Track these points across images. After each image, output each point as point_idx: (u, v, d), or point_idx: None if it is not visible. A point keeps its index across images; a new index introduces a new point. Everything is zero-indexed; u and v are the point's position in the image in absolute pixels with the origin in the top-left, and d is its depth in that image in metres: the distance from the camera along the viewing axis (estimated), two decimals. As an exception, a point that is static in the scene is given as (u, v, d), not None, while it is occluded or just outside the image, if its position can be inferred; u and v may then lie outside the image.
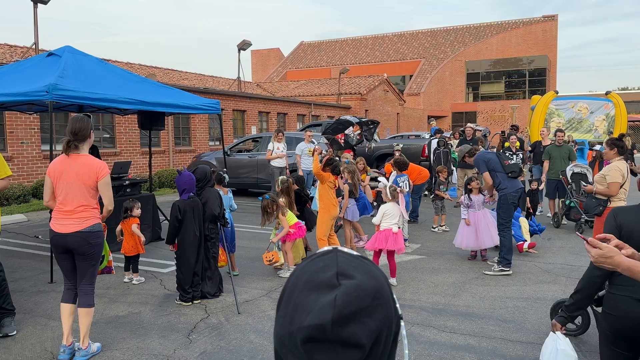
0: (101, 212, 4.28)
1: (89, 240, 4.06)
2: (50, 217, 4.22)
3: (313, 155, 6.96)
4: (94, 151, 8.03)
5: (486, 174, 6.58)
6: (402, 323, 0.82)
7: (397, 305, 0.81)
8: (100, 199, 4.20)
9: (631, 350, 2.57)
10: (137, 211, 6.30)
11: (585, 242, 2.07)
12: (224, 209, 5.87)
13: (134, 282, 6.16)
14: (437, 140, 13.15)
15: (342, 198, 7.39)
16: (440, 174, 9.82)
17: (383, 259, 6.14)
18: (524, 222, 7.77)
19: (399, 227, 6.28)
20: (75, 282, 4.18)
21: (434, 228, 9.30)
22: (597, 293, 2.76)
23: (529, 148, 13.19)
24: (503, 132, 12.46)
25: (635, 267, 1.99)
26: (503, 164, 6.55)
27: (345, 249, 0.83)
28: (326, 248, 0.84)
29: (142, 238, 6.33)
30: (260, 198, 6.59)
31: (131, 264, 6.24)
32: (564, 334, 3.01)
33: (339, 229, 7.71)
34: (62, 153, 4.15)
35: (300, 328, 0.72)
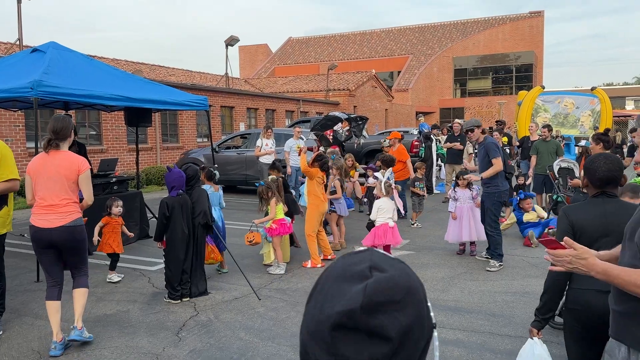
0: None
1: (74, 235, 4.11)
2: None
3: (300, 154, 6.99)
4: (81, 149, 7.94)
5: (499, 160, 6.42)
6: (435, 333, 0.79)
7: (432, 314, 0.78)
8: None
9: (598, 343, 2.62)
10: (116, 209, 6.19)
11: (546, 248, 2.05)
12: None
13: (114, 279, 6.10)
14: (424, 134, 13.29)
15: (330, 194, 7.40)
16: (418, 170, 9.85)
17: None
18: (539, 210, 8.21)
19: (394, 221, 6.31)
20: (58, 278, 4.22)
21: (413, 224, 9.35)
22: (564, 291, 2.80)
23: (517, 143, 13.29)
24: (491, 127, 12.56)
25: (611, 271, 1.86)
26: (506, 162, 6.62)
27: (382, 250, 0.82)
28: (361, 248, 0.83)
29: (130, 235, 6.31)
30: (257, 184, 6.81)
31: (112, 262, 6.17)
32: (540, 338, 3.04)
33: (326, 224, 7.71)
34: (42, 151, 4.17)
35: (329, 315, 0.71)
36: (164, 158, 17.62)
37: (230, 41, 21.74)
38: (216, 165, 7.39)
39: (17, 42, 12.87)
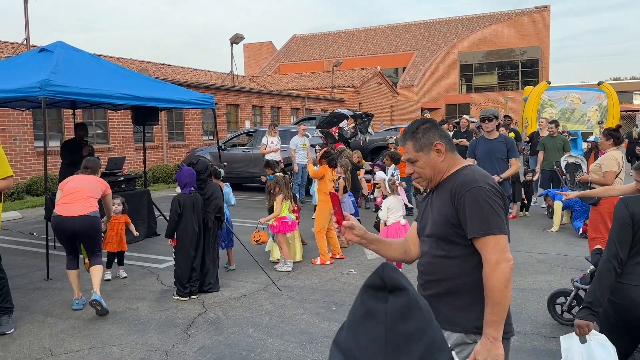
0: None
1: (93, 224, 5.02)
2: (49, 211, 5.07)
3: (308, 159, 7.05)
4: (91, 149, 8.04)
5: (518, 161, 6.26)
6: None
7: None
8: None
9: (634, 339, 2.61)
10: (117, 207, 6.20)
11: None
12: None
13: (122, 275, 6.17)
14: None
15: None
16: None
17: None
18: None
19: (405, 219, 6.30)
20: (74, 252, 5.14)
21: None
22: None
23: (526, 139, 13.22)
24: (499, 124, 12.50)
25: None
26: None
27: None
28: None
29: (136, 233, 6.36)
30: (268, 177, 6.93)
31: (117, 258, 6.21)
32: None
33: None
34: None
35: None
36: (170, 156, 17.68)
37: (235, 39, 21.75)
38: (225, 164, 7.42)
39: (25, 42, 12.93)
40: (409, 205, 8.13)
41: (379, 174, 8.34)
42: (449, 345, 0.85)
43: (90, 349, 4.21)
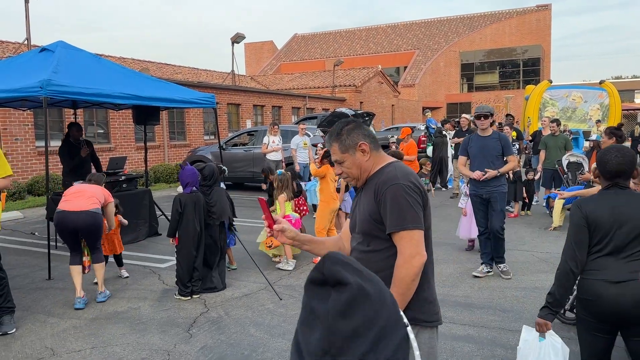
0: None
1: (95, 221, 5.15)
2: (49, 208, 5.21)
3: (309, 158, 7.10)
4: (88, 146, 8.00)
5: (515, 157, 6.15)
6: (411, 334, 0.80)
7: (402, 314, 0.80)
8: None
9: (610, 333, 2.65)
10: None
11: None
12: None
13: (124, 275, 6.19)
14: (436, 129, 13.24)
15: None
16: (423, 166, 9.80)
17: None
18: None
19: None
20: (78, 249, 5.25)
21: None
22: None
23: (529, 138, 13.20)
24: (500, 124, 12.48)
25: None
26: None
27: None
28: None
29: (125, 222, 6.31)
30: (279, 172, 7.01)
31: (115, 260, 6.21)
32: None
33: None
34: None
35: None
36: (171, 156, 17.68)
37: (237, 38, 21.74)
38: (225, 168, 7.43)
39: (26, 42, 12.94)
40: None
41: None
42: (404, 321, 0.83)
43: (92, 349, 4.21)
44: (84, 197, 5.20)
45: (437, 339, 2.21)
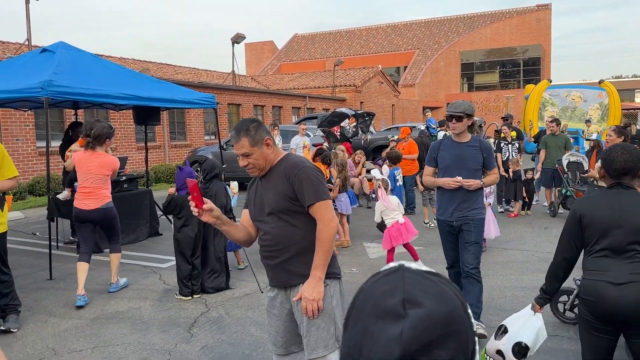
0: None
1: (107, 214, 5.42)
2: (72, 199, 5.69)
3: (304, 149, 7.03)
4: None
5: (497, 171, 5.72)
6: (477, 339, 0.76)
7: (473, 321, 0.76)
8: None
9: (611, 334, 2.65)
10: None
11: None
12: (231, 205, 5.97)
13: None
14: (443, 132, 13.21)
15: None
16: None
17: (396, 253, 6.16)
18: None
19: (403, 216, 6.27)
20: (90, 247, 5.45)
21: (426, 223, 8.82)
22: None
23: (531, 140, 13.19)
24: (497, 131, 12.44)
25: None
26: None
27: (413, 265, 0.79)
28: (392, 265, 0.79)
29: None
30: None
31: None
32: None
33: None
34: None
35: None
36: (172, 156, 17.70)
37: (237, 38, 21.76)
38: (224, 165, 7.42)
39: (26, 43, 12.96)
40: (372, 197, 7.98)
41: (374, 172, 8.35)
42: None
43: (93, 349, 4.23)
44: (92, 190, 5.36)
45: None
